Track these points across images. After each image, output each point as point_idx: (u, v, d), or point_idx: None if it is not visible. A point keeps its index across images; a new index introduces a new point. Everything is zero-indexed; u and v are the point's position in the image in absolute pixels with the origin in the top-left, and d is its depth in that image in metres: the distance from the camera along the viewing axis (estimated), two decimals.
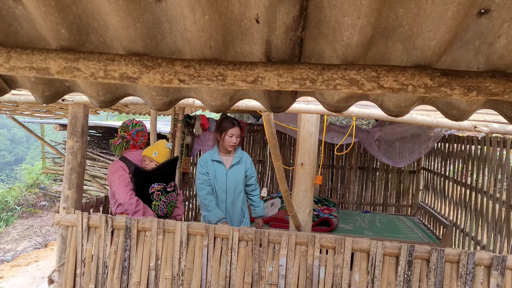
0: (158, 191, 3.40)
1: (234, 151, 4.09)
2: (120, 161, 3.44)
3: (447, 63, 1.14)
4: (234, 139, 3.91)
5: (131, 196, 3.27)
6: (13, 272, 6.91)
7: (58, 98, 1.40)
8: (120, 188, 3.30)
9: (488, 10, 0.96)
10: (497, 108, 1.36)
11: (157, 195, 3.39)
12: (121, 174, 3.35)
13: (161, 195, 3.41)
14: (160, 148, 3.51)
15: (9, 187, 12.99)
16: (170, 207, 3.50)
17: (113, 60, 1.06)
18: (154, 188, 3.39)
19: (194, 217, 6.81)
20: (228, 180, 3.95)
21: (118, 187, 3.31)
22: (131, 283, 3.08)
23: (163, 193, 3.42)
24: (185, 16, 0.98)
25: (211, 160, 3.97)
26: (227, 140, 3.91)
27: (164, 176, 3.46)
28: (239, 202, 4.05)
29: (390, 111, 1.42)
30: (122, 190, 3.29)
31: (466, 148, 5.76)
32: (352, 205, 8.34)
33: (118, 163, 3.43)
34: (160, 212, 3.42)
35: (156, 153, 3.43)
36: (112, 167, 3.43)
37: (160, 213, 3.43)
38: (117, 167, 3.39)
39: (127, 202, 3.26)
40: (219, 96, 1.39)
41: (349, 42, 1.04)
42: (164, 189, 3.43)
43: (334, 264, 2.88)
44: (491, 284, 2.67)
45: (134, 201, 3.27)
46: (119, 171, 3.36)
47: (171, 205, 3.51)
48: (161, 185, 3.41)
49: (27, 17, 1.08)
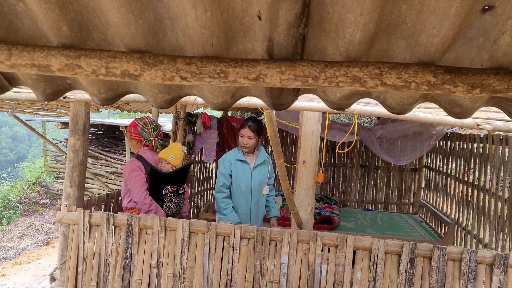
0: (171, 193, 3.53)
1: (257, 151, 4.04)
2: (137, 161, 3.51)
3: (450, 60, 1.13)
4: (245, 140, 3.84)
5: (145, 196, 3.38)
6: (15, 270, 6.93)
7: (59, 96, 1.40)
8: (136, 187, 3.40)
9: (492, 7, 0.95)
10: (500, 106, 1.35)
11: (169, 197, 3.52)
12: (138, 173, 3.43)
13: (173, 197, 3.55)
14: (176, 151, 3.60)
15: (11, 185, 13.02)
16: (179, 208, 3.66)
17: (115, 57, 1.06)
18: (168, 190, 3.51)
19: (195, 215, 6.81)
20: (253, 180, 3.93)
21: (134, 185, 3.40)
22: (133, 281, 3.08)
23: (175, 195, 3.56)
24: (187, 13, 0.97)
25: (236, 159, 3.92)
26: (239, 140, 3.89)
27: (178, 179, 3.58)
28: (263, 202, 4.04)
29: (393, 109, 1.41)
30: (138, 189, 3.39)
31: (468, 146, 5.75)
32: (353, 203, 8.34)
33: (135, 162, 3.50)
34: (170, 212, 3.56)
35: (172, 157, 3.53)
36: (129, 165, 3.50)
37: (170, 213, 3.56)
38: (135, 166, 3.47)
39: (141, 202, 3.36)
40: (221, 94, 1.38)
41: (352, 39, 1.04)
42: (177, 191, 3.57)
43: (336, 262, 2.88)
44: (494, 282, 2.67)
45: (148, 201, 3.37)
46: (136, 171, 3.45)
47: (180, 205, 3.67)
48: (174, 187, 3.54)
49: (28, 14, 1.07)
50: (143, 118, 3.69)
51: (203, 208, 7.14)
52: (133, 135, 3.63)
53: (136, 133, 3.62)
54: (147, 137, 3.63)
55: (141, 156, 3.56)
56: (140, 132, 3.61)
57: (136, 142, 3.69)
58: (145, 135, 3.63)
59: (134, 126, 3.62)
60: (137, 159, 3.54)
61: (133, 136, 3.64)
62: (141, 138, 3.63)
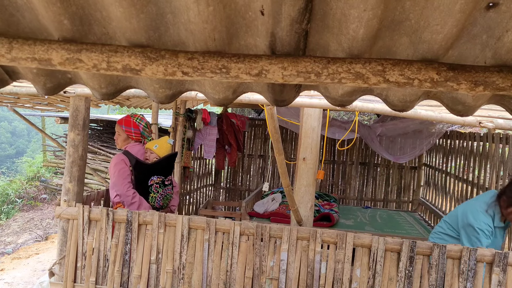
0: (157, 184, 3.50)
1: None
2: (122, 155, 3.50)
3: (453, 57, 1.13)
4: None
5: (128, 188, 3.37)
6: (14, 264, 6.93)
7: (60, 90, 1.39)
8: (119, 180, 3.40)
9: (497, 4, 0.94)
10: (503, 104, 1.34)
11: (155, 188, 3.49)
12: (121, 167, 3.43)
13: (159, 188, 3.51)
14: (162, 142, 3.58)
15: (9, 180, 13.00)
16: (166, 199, 3.61)
17: (116, 51, 1.05)
18: (153, 181, 3.48)
19: (195, 212, 6.81)
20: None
21: (117, 178, 3.40)
22: (132, 277, 3.08)
23: (161, 186, 3.52)
24: (189, 7, 0.96)
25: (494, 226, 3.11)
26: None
27: (163, 169, 3.54)
28: None
29: (395, 106, 1.41)
30: (121, 182, 3.38)
31: (468, 144, 5.75)
32: (353, 201, 8.34)
33: (120, 156, 3.49)
34: (157, 204, 3.53)
35: (157, 146, 3.51)
36: (114, 160, 3.49)
37: (156, 205, 3.53)
38: (119, 160, 3.46)
39: (124, 194, 3.37)
40: (222, 89, 1.38)
41: (355, 35, 1.03)
42: (163, 182, 3.53)
43: (335, 259, 2.88)
44: (493, 280, 2.67)
45: (131, 193, 3.37)
46: (120, 164, 3.44)
47: (167, 198, 3.62)
48: (160, 178, 3.50)
49: (29, 7, 1.06)
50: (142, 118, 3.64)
51: (202, 204, 7.15)
52: (134, 135, 3.58)
53: (137, 133, 3.58)
54: (147, 137, 3.62)
55: (127, 151, 3.52)
56: (142, 132, 3.59)
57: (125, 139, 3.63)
58: (145, 135, 3.62)
59: (135, 126, 3.56)
60: (123, 153, 3.51)
61: (133, 136, 3.58)
62: (141, 137, 3.61)
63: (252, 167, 8.72)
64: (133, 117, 3.62)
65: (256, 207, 6.09)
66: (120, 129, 3.63)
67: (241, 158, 8.55)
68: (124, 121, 3.60)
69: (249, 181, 8.71)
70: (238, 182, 8.72)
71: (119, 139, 3.68)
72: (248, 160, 8.69)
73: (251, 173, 8.72)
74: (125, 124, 3.59)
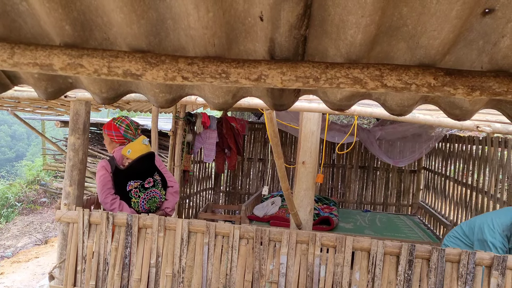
0: (136, 188, 3.37)
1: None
2: (104, 161, 3.39)
3: (450, 62, 1.14)
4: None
5: (106, 195, 3.29)
6: (14, 268, 6.93)
7: (61, 95, 1.41)
8: (98, 187, 3.33)
9: (493, 10, 0.96)
10: (500, 108, 1.35)
11: (135, 192, 3.36)
12: (101, 174, 3.33)
13: (140, 192, 3.37)
14: (135, 145, 3.40)
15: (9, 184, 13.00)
16: (153, 202, 3.46)
17: (117, 56, 1.07)
18: (131, 186, 3.36)
19: (194, 215, 6.81)
20: None
21: (98, 186, 3.34)
22: (132, 280, 3.09)
23: (141, 190, 3.38)
24: (189, 13, 0.98)
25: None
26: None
27: (139, 173, 3.40)
28: None
29: (393, 110, 1.42)
30: (100, 189, 3.31)
31: (467, 148, 5.76)
32: (352, 204, 8.35)
33: (102, 162, 3.38)
34: (141, 208, 3.39)
35: (129, 151, 3.35)
36: (98, 167, 3.40)
37: (141, 209, 3.39)
38: (100, 166, 3.37)
39: (102, 201, 3.30)
40: (222, 94, 1.39)
41: (353, 41, 1.04)
42: (142, 185, 3.39)
43: (334, 262, 2.88)
44: (492, 284, 2.67)
45: (109, 200, 3.28)
46: (101, 171, 3.34)
47: (154, 200, 3.46)
48: (137, 182, 3.37)
49: (31, 13, 1.08)
50: (123, 119, 3.48)
51: (202, 208, 7.15)
52: (116, 139, 3.44)
53: (119, 136, 3.43)
54: (131, 139, 3.45)
55: (113, 156, 3.42)
56: (124, 134, 3.43)
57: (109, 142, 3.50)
58: (129, 137, 3.44)
59: (116, 129, 3.41)
60: (107, 159, 3.40)
61: (115, 140, 3.44)
62: (125, 140, 3.44)
63: (251, 170, 8.72)
64: (115, 120, 3.48)
65: (256, 211, 6.10)
66: (104, 134, 3.50)
67: (241, 161, 8.55)
68: (106, 125, 3.48)
69: (249, 185, 8.72)
70: (237, 185, 8.73)
71: (106, 144, 3.58)
72: (248, 164, 8.70)
73: (250, 177, 8.73)
74: (107, 128, 3.46)
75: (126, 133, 3.43)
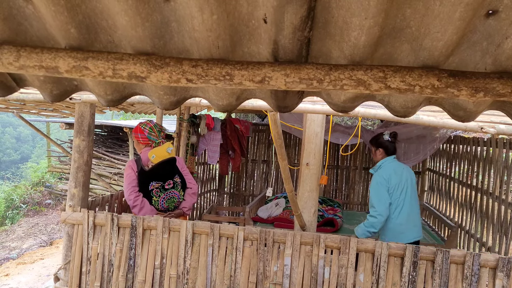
0: (157, 189, 3.71)
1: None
2: (132, 161, 3.75)
3: (454, 64, 1.14)
4: None
5: (130, 192, 3.59)
6: (19, 269, 6.96)
7: (66, 97, 1.42)
8: (124, 185, 3.66)
9: (496, 11, 0.96)
10: (504, 109, 1.35)
11: (156, 192, 3.70)
12: (128, 172, 3.66)
13: (160, 192, 3.72)
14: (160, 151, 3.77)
15: (14, 185, 13.07)
16: (172, 202, 3.79)
17: (122, 59, 1.07)
18: (153, 186, 3.70)
19: (199, 217, 6.82)
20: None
21: (124, 183, 3.68)
22: (136, 281, 3.09)
23: (162, 190, 3.74)
24: (193, 16, 0.98)
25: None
26: None
27: (160, 175, 3.74)
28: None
29: (397, 112, 1.42)
30: (126, 186, 3.63)
31: (471, 149, 5.74)
32: (356, 206, 8.32)
33: (129, 162, 3.75)
34: (160, 206, 3.73)
35: (154, 156, 3.70)
36: (126, 165, 3.77)
37: (160, 208, 3.73)
38: (127, 165, 3.72)
39: (127, 197, 3.59)
40: (226, 96, 1.40)
41: (357, 43, 1.04)
42: (162, 186, 3.74)
43: (338, 264, 2.88)
44: (497, 286, 2.66)
45: (132, 197, 3.58)
46: (127, 170, 3.69)
47: (172, 200, 3.80)
48: (158, 183, 3.71)
49: (37, 16, 1.09)
50: (148, 123, 3.85)
51: (206, 209, 7.15)
52: (141, 140, 3.80)
53: (144, 138, 3.78)
54: (155, 140, 3.80)
55: (139, 157, 3.78)
56: (148, 136, 3.78)
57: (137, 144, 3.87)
58: (152, 138, 3.79)
59: (141, 132, 3.79)
60: (135, 159, 3.77)
61: (141, 141, 3.80)
62: (149, 141, 3.80)
63: (255, 172, 8.72)
64: (141, 124, 3.86)
65: (260, 212, 6.09)
66: (132, 136, 3.96)
67: (245, 163, 8.55)
68: (134, 128, 3.89)
69: (253, 186, 8.71)
70: (241, 187, 8.72)
71: (135, 145, 3.98)
72: (252, 165, 8.70)
73: (254, 178, 8.73)
74: (134, 130, 3.87)
75: (149, 135, 3.80)
